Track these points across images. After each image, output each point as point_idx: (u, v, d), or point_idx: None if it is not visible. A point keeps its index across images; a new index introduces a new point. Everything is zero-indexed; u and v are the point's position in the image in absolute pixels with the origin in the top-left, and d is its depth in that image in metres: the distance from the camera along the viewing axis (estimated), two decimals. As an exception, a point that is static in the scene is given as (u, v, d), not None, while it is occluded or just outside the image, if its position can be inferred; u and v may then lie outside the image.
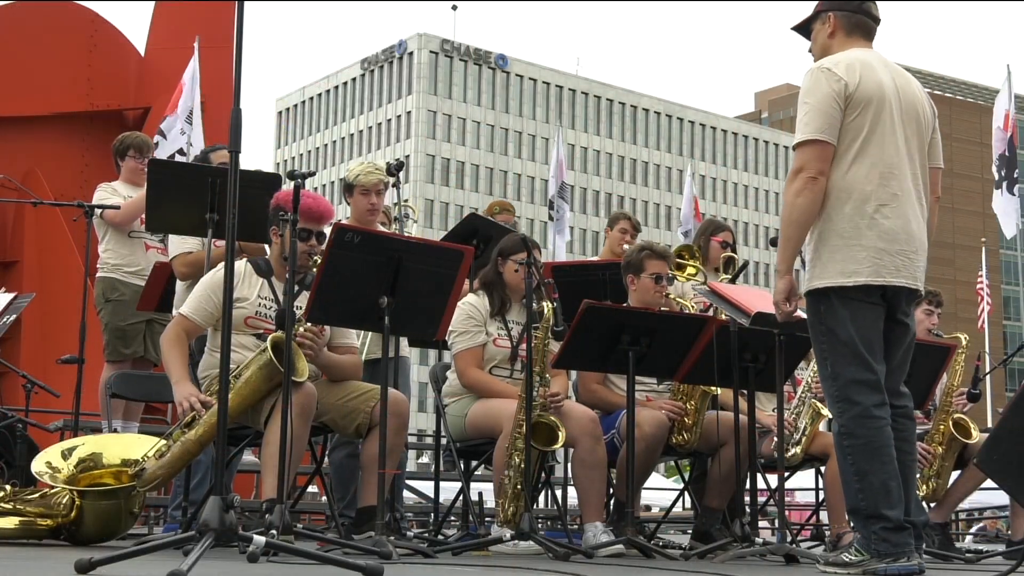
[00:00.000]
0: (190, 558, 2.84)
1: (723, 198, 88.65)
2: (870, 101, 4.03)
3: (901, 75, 4.22)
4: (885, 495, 3.87)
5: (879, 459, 3.90)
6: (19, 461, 5.90)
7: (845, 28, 4.23)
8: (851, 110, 4.02)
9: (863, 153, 4.02)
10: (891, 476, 3.90)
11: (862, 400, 3.95)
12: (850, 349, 3.98)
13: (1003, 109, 12.22)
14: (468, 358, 5.23)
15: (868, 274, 3.98)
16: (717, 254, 6.32)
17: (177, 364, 4.53)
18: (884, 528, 3.86)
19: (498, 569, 3.85)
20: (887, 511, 3.86)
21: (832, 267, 4.01)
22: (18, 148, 9.96)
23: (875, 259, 3.98)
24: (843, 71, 4.04)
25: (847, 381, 3.98)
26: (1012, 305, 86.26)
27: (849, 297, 4.00)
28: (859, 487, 3.92)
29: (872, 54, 4.19)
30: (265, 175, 5.44)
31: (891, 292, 4.04)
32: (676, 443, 5.40)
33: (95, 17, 10.52)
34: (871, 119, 4.03)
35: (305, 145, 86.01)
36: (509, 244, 5.38)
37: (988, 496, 12.25)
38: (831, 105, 4.01)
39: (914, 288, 4.09)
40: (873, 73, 4.09)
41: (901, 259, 4.01)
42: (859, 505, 3.94)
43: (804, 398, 5.71)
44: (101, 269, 6.59)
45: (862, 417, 3.94)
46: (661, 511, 12.24)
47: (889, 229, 3.99)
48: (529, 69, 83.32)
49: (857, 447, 3.93)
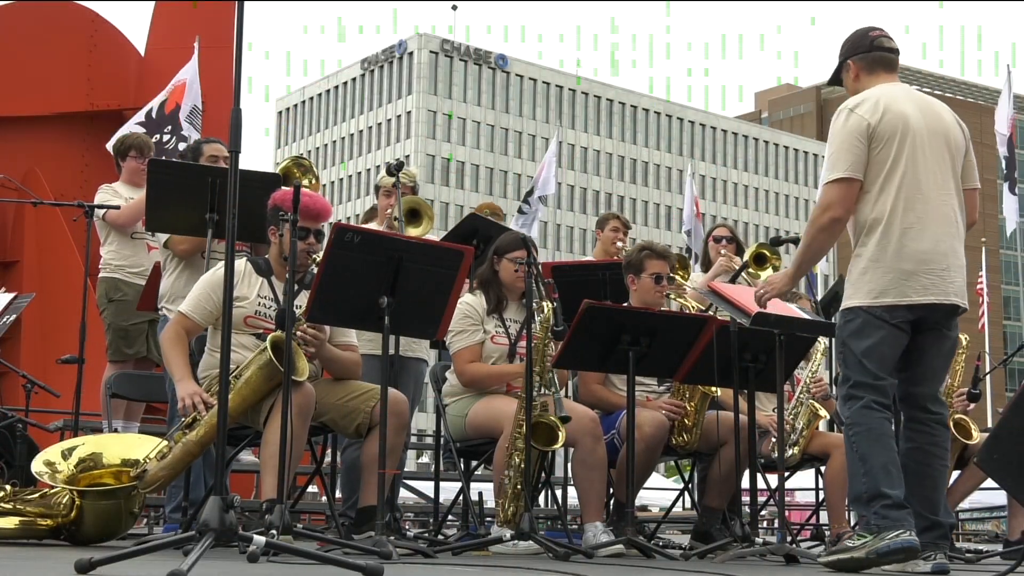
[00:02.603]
0: (190, 558, 2.84)
1: (723, 198, 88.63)
2: (894, 133, 4.32)
3: (927, 103, 4.50)
4: (885, 475, 4.14)
5: (880, 443, 4.20)
6: (19, 461, 5.89)
7: (865, 68, 4.54)
8: (875, 144, 4.32)
9: (889, 182, 4.31)
10: (890, 461, 4.18)
11: (864, 396, 4.26)
12: (859, 360, 4.29)
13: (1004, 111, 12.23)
14: (467, 356, 5.22)
15: (895, 295, 4.26)
16: (714, 252, 6.54)
17: (179, 363, 4.54)
18: (884, 506, 4.11)
19: (498, 569, 3.85)
20: (887, 489, 4.13)
21: (862, 288, 4.33)
22: (18, 148, 9.94)
23: (902, 280, 4.27)
24: (866, 110, 4.34)
25: (854, 383, 4.31)
26: (1012, 305, 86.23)
27: (873, 315, 4.28)
28: (863, 470, 4.19)
29: (897, 87, 4.49)
30: (265, 175, 5.43)
31: (924, 309, 4.29)
32: (676, 443, 5.40)
33: (95, 17, 10.51)
34: (895, 149, 4.31)
35: (305, 145, 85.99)
36: (505, 242, 5.38)
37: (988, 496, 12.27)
38: (856, 144, 4.31)
39: (945, 303, 4.30)
40: (897, 105, 4.36)
41: (930, 278, 4.27)
42: (861, 490, 4.20)
43: (802, 398, 5.72)
44: (103, 269, 6.58)
45: (864, 408, 4.25)
46: (661, 511, 12.24)
47: (916, 251, 4.27)
48: (529, 69, 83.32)
49: (860, 433, 4.24)
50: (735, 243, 6.62)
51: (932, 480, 4.29)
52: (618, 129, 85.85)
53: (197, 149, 5.94)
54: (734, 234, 6.68)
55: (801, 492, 15.94)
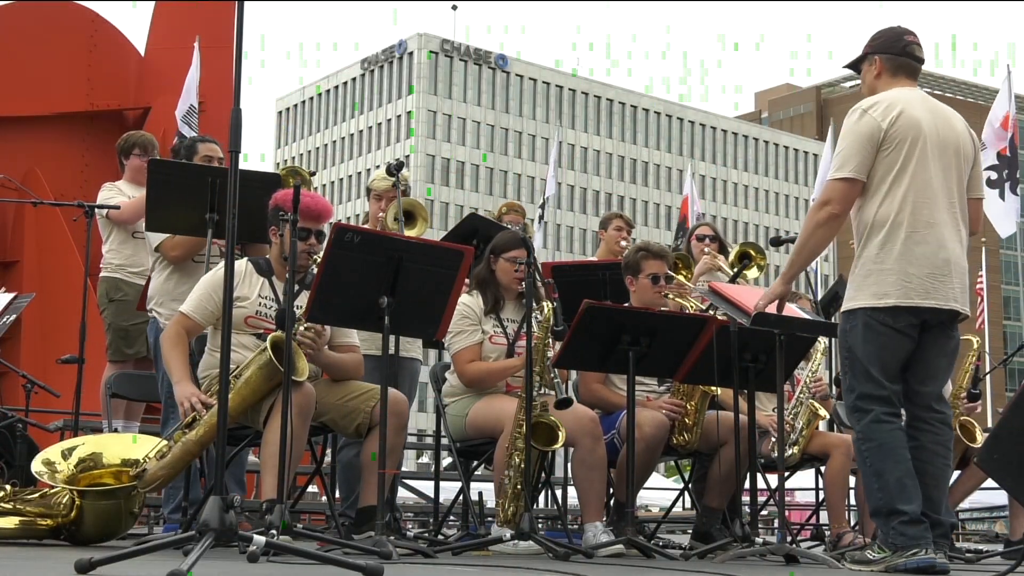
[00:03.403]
0: (190, 558, 2.84)
1: (723, 198, 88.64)
2: (905, 137, 4.33)
3: (941, 111, 4.53)
4: (900, 491, 4.16)
5: (892, 458, 4.21)
6: (19, 461, 5.90)
7: (890, 70, 4.55)
8: (886, 146, 4.34)
9: (896, 184, 4.32)
10: (905, 474, 4.19)
11: (873, 408, 4.27)
12: (864, 367, 4.31)
13: (1003, 109, 12.20)
14: (467, 356, 5.22)
15: (897, 296, 4.27)
16: (697, 250, 6.49)
17: (178, 364, 4.53)
18: (901, 522, 4.14)
19: (498, 569, 3.85)
20: (903, 506, 4.14)
21: (865, 290, 4.34)
22: (18, 148, 9.95)
23: (904, 283, 4.27)
24: (879, 112, 4.36)
25: (860, 394, 4.32)
26: (1012, 305, 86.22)
27: (874, 319, 4.30)
28: (878, 486, 4.22)
29: (914, 92, 4.51)
30: (265, 175, 5.43)
31: (926, 313, 4.30)
32: (676, 443, 5.40)
33: (95, 17, 10.52)
34: (905, 153, 4.33)
35: (305, 145, 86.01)
36: (501, 242, 5.37)
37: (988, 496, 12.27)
38: (865, 145, 4.34)
39: (947, 309, 4.31)
40: (911, 110, 4.38)
41: (932, 282, 4.29)
42: (879, 504, 4.22)
43: (802, 398, 5.71)
44: (105, 269, 6.58)
45: (874, 422, 4.26)
46: (661, 511, 12.24)
47: (921, 254, 4.28)
48: (529, 69, 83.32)
49: (872, 449, 4.26)
50: (718, 242, 6.61)
51: (935, 479, 4.30)
52: (618, 129, 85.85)
53: (192, 148, 5.92)
54: (717, 233, 6.67)
55: (801, 492, 15.94)
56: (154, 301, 5.57)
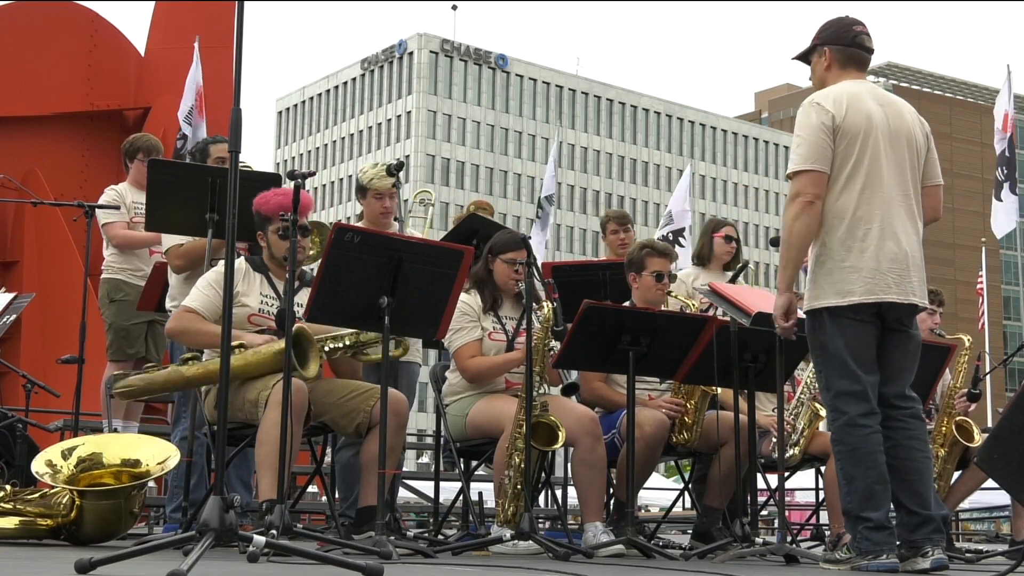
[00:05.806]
0: (190, 558, 2.84)
1: (723, 198, 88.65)
2: (857, 131, 4.33)
3: (891, 103, 4.51)
4: (868, 497, 4.18)
5: (864, 464, 4.21)
6: (19, 461, 5.90)
7: (839, 61, 4.53)
8: (840, 140, 4.32)
9: (852, 179, 4.32)
10: (875, 480, 4.20)
11: (848, 410, 4.26)
12: (839, 362, 4.30)
13: (1003, 110, 12.21)
14: (468, 352, 5.20)
15: (861, 293, 4.27)
16: (723, 250, 6.31)
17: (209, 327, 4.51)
18: (867, 528, 4.18)
19: (498, 569, 3.85)
20: (869, 513, 4.17)
21: (828, 288, 4.32)
22: (18, 148, 9.96)
23: (868, 279, 4.27)
24: (831, 104, 4.35)
25: (836, 392, 4.32)
26: (1012, 305, 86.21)
27: (841, 315, 4.29)
28: (847, 490, 4.25)
29: (863, 85, 4.50)
30: (265, 175, 5.43)
31: (886, 307, 4.31)
32: (676, 441, 5.40)
33: (95, 17, 10.53)
34: (859, 147, 4.32)
35: (305, 145, 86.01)
36: (499, 242, 5.37)
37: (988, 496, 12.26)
38: (820, 136, 4.31)
39: (905, 303, 4.32)
40: (861, 104, 4.38)
41: (893, 277, 4.29)
42: (848, 508, 4.27)
43: (802, 399, 5.71)
44: (106, 270, 6.59)
45: (848, 426, 4.26)
46: (661, 511, 12.24)
47: (880, 249, 4.28)
48: (529, 69, 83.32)
49: (845, 453, 4.27)
50: (736, 244, 6.56)
51: (918, 474, 4.29)
52: (618, 129, 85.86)
53: (204, 150, 5.94)
54: (737, 236, 6.62)
55: (801, 492, 15.94)
56: (175, 301, 5.57)
